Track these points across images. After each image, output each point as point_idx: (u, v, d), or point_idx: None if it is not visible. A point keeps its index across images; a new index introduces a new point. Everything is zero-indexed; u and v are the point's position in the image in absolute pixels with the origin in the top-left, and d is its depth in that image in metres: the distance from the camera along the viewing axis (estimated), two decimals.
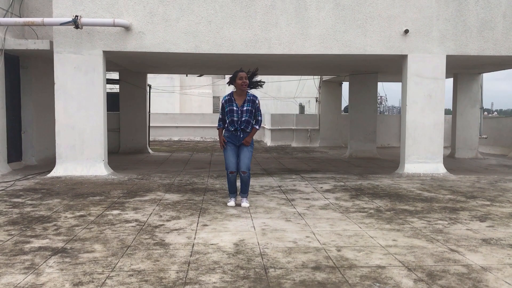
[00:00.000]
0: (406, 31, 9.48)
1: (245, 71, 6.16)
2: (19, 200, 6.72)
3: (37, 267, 3.80)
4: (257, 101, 6.20)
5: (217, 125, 6.33)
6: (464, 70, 13.71)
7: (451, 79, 14.84)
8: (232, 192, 6.42)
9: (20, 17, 10.05)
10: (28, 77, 10.79)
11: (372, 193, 7.52)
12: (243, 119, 6.07)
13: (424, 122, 9.80)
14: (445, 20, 9.55)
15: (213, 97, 35.03)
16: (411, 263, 3.97)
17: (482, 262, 4.02)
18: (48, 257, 4.07)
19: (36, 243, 4.51)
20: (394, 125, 19.21)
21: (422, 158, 9.79)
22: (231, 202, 6.36)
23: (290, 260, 4.02)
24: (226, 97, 6.14)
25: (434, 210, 6.21)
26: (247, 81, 6.06)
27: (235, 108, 6.07)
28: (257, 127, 6.24)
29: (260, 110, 6.30)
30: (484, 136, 15.82)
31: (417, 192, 7.63)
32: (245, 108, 6.09)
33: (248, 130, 6.15)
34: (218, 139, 6.35)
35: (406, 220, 5.60)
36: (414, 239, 4.76)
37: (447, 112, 15.14)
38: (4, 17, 9.49)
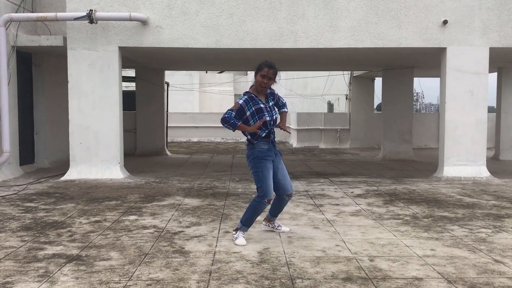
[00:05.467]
0: (445, 22, 9.35)
1: (274, 66, 4.97)
2: (32, 204, 6.88)
3: (51, 275, 3.89)
4: (275, 92, 5.26)
5: (225, 124, 4.90)
6: (510, 64, 13.43)
7: (495, 74, 14.57)
8: (250, 225, 5.07)
9: (33, 12, 10.29)
10: (40, 75, 11.04)
11: (408, 199, 7.45)
12: (274, 117, 5.06)
13: (465, 121, 9.65)
14: (488, 9, 9.38)
15: (235, 95, 35.12)
16: (451, 274, 3.92)
17: None
18: (63, 264, 4.16)
19: (50, 250, 4.61)
20: (432, 125, 18.95)
21: (463, 161, 9.64)
22: (243, 240, 4.90)
23: (319, 271, 4.01)
24: (246, 97, 4.98)
25: (477, 217, 6.11)
26: (271, 82, 4.96)
27: (262, 105, 4.96)
28: (286, 109, 5.32)
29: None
30: None
31: (457, 198, 7.52)
32: (271, 104, 5.09)
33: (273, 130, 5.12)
34: (247, 133, 4.93)
35: (446, 228, 5.53)
36: (454, 248, 4.70)
37: (490, 110, 14.87)
38: (16, 12, 9.73)
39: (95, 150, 9.38)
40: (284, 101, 5.38)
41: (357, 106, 19.20)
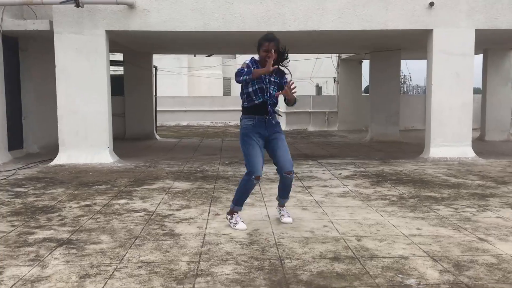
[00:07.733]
0: (431, 4, 9.34)
1: (276, 39, 4.76)
2: (22, 189, 6.84)
3: (42, 259, 3.89)
4: (286, 77, 4.94)
5: (241, 78, 4.55)
6: (495, 46, 13.49)
7: (481, 56, 14.62)
8: (242, 203, 4.91)
9: None
10: (27, 60, 10.89)
11: (394, 179, 7.51)
12: (271, 91, 4.75)
13: (451, 102, 9.70)
14: None
15: (224, 78, 34.91)
16: (437, 253, 3.98)
17: None
18: (53, 248, 4.15)
19: (41, 234, 4.60)
20: (419, 106, 19.03)
21: (449, 141, 9.72)
22: (242, 224, 4.76)
23: (307, 251, 4.05)
24: (252, 60, 4.78)
25: (462, 197, 6.19)
26: (275, 54, 4.60)
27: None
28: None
29: None
30: None
31: (443, 178, 7.60)
32: (272, 79, 4.77)
33: (276, 105, 4.89)
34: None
35: (432, 208, 5.60)
36: (439, 227, 4.76)
37: (476, 91, 14.94)
38: None
39: (84, 134, 9.33)
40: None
41: (345, 88, 19.20)
